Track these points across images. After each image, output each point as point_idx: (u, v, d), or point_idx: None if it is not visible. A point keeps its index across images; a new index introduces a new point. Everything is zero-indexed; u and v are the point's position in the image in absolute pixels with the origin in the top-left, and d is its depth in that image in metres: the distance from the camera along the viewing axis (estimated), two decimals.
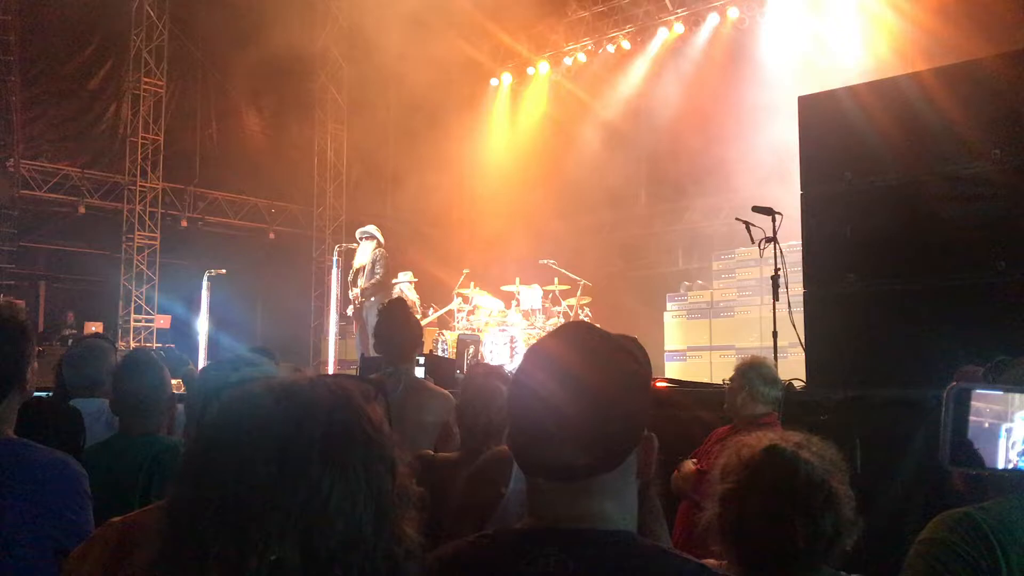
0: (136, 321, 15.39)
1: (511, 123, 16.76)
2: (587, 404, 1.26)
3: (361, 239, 11.21)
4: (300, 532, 0.88)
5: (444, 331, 12.49)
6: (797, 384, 5.38)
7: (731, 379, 4.40)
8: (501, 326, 12.07)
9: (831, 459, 1.85)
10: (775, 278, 6.05)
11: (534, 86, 16.62)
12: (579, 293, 12.42)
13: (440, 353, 11.42)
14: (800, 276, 5.87)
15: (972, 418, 1.64)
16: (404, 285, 12.12)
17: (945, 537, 1.77)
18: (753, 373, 4.30)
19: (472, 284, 12.85)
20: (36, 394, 3.99)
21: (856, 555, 2.00)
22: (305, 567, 0.88)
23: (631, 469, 1.31)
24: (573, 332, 1.37)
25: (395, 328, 4.07)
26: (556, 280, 12.57)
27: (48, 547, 2.21)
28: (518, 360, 11.20)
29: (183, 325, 14.08)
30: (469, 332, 11.72)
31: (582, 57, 15.75)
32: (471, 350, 8.79)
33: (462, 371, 7.00)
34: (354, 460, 0.94)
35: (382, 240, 10.95)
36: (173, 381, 3.25)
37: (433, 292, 13.38)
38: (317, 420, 0.94)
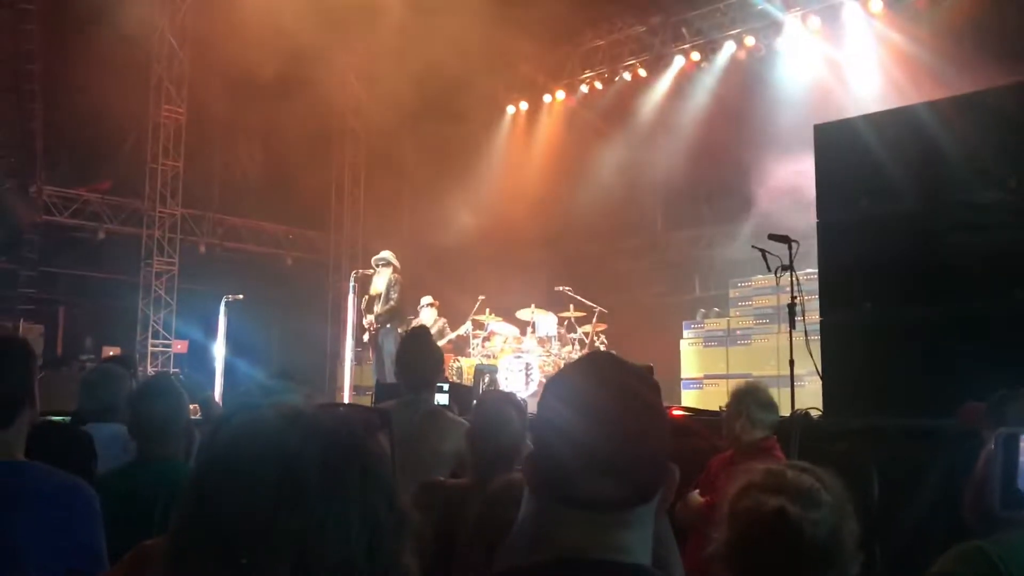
0: (154, 346, 15.46)
1: (527, 151, 16.81)
2: (625, 437, 1.25)
3: (377, 266, 11.25)
4: (294, 560, 0.89)
5: (460, 357, 12.48)
6: (814, 413, 5.34)
7: (727, 405, 4.37)
8: (516, 353, 12.05)
9: (837, 499, 1.84)
10: (792, 306, 6.02)
11: (550, 114, 16.69)
12: (594, 320, 12.40)
13: (456, 380, 11.41)
14: (817, 304, 5.84)
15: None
16: (425, 309, 12.18)
17: (956, 570, 1.80)
18: (749, 399, 4.28)
19: (487, 311, 12.86)
20: (54, 419, 4.02)
21: None
22: None
23: (656, 502, 1.30)
24: (600, 364, 1.37)
25: (417, 355, 4.05)
26: (571, 307, 12.54)
27: (60, 568, 2.22)
28: (533, 387, 11.24)
29: (200, 350, 14.13)
30: (486, 363, 11.71)
31: (598, 85, 15.82)
32: (486, 379, 8.78)
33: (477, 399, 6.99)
34: (351, 490, 0.94)
35: (398, 266, 10.99)
36: (191, 406, 3.27)
37: (449, 318, 13.40)
38: (316, 450, 0.95)
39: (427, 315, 12.23)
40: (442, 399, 4.25)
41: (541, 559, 1.27)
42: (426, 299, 12.31)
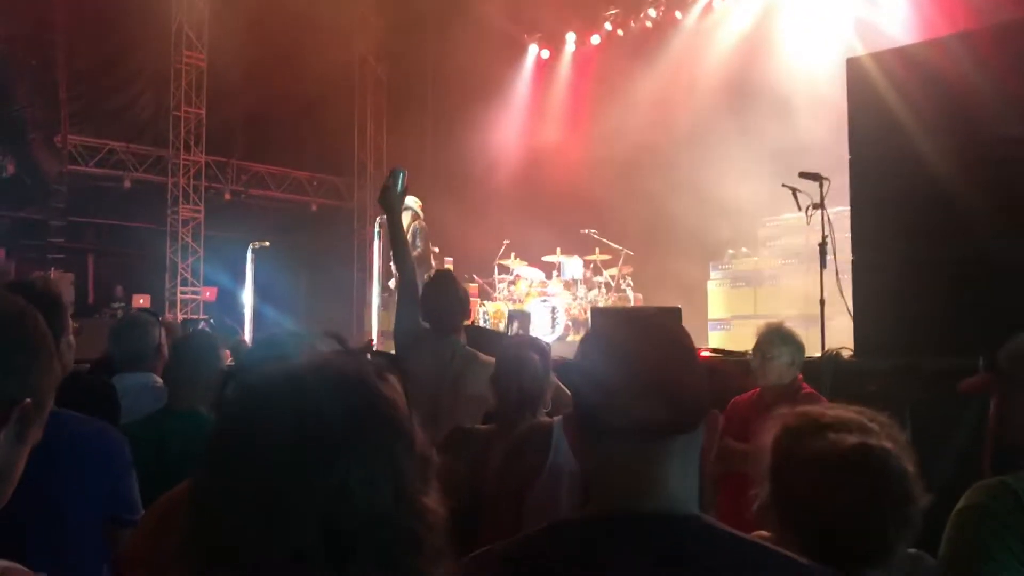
0: (183, 293, 15.61)
1: (550, 92, 16.60)
2: (667, 357, 1.27)
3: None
4: (320, 516, 0.88)
5: (486, 301, 12.48)
6: (845, 353, 5.28)
7: (754, 348, 4.32)
8: (542, 297, 12.04)
9: (898, 438, 1.78)
10: (823, 245, 5.93)
11: (575, 54, 16.43)
12: (621, 262, 12.33)
13: (482, 324, 11.42)
14: (848, 243, 5.75)
15: None
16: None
17: (981, 502, 1.85)
18: (776, 338, 4.22)
19: (513, 255, 12.81)
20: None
21: None
22: (327, 550, 0.87)
23: (699, 441, 1.28)
24: (634, 309, 1.40)
25: (442, 298, 3.94)
26: (597, 250, 12.48)
27: (97, 515, 2.24)
28: (559, 331, 11.23)
29: (229, 297, 14.25)
30: (514, 307, 11.68)
31: (620, 32, 15.52)
32: (515, 325, 8.75)
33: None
34: (371, 440, 0.93)
35: (421, 213, 10.93)
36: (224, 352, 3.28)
37: (474, 262, 13.37)
38: (335, 401, 0.93)
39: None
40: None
41: (592, 512, 1.26)
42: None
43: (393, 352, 4.23)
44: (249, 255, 11.51)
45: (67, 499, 2.23)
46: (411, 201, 11.11)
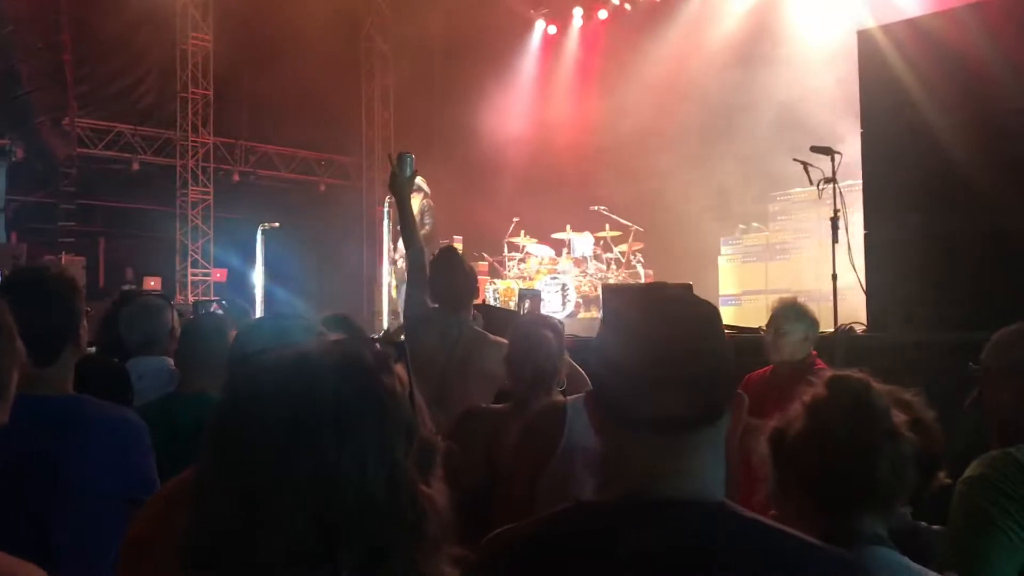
0: (193, 275, 15.66)
1: (558, 68, 16.52)
2: (691, 349, 1.23)
3: None
4: (310, 499, 0.90)
5: (495, 279, 12.48)
6: (858, 328, 5.27)
7: (767, 324, 4.29)
8: (552, 274, 12.03)
9: (922, 414, 1.85)
10: (835, 220, 5.90)
11: (582, 29, 16.32)
12: (631, 239, 12.30)
13: (492, 302, 11.43)
14: (860, 217, 5.72)
15: None
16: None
17: (984, 473, 1.92)
18: (791, 314, 4.18)
19: (522, 232, 12.79)
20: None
21: (919, 502, 1.99)
22: (318, 533, 0.90)
23: (725, 427, 1.25)
24: (654, 285, 1.38)
25: (450, 276, 3.90)
26: (607, 226, 12.45)
27: (117, 498, 2.26)
28: (570, 308, 11.23)
29: (239, 277, 14.29)
30: (524, 285, 11.67)
31: (627, 6, 15.41)
32: (526, 304, 8.74)
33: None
34: (366, 428, 0.94)
35: (428, 191, 10.90)
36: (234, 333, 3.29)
37: (484, 240, 13.36)
38: (328, 389, 0.95)
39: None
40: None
41: (614, 495, 1.23)
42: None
43: (402, 336, 4.23)
44: (259, 236, 11.53)
45: (88, 480, 2.25)
46: (419, 180, 11.09)
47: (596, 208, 12.47)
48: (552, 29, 16.72)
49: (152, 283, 14.07)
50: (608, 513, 1.22)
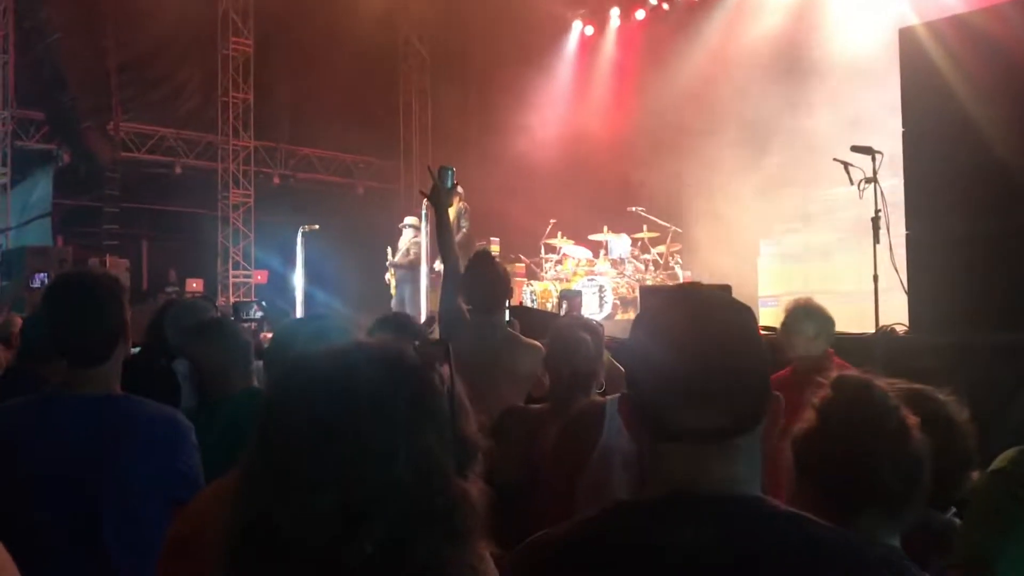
0: (235, 277, 15.87)
1: (595, 68, 16.47)
2: (728, 359, 1.22)
3: None
4: (338, 485, 0.95)
5: (532, 281, 12.49)
6: (900, 329, 5.21)
7: (782, 323, 4.26)
8: (589, 275, 12.01)
9: (954, 414, 1.83)
10: (875, 220, 5.84)
11: (619, 32, 16.27)
12: (669, 240, 12.25)
13: (529, 304, 11.44)
14: (901, 218, 5.65)
15: None
16: (406, 229, 12.06)
17: (1005, 467, 1.96)
18: (800, 312, 4.15)
19: (559, 234, 12.79)
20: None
21: (960, 503, 2.03)
22: (344, 517, 0.95)
23: (760, 431, 1.25)
24: (689, 296, 1.34)
25: (485, 278, 3.94)
26: (645, 227, 12.40)
27: (164, 498, 2.31)
28: (607, 309, 11.21)
29: (280, 279, 14.45)
30: (563, 287, 11.69)
31: (665, 6, 15.34)
32: (565, 305, 8.76)
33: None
34: (397, 420, 0.99)
35: (463, 194, 10.94)
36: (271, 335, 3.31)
37: (520, 242, 13.36)
38: (363, 385, 1.00)
39: (407, 236, 12.05)
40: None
41: (651, 494, 1.23)
42: (410, 219, 12.21)
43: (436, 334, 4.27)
44: (299, 238, 11.66)
45: (138, 480, 2.30)
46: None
47: (633, 209, 12.42)
48: (589, 30, 16.68)
49: (194, 285, 14.29)
50: (645, 513, 1.23)
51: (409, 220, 12.18)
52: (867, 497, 1.64)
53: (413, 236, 11.97)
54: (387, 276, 12.26)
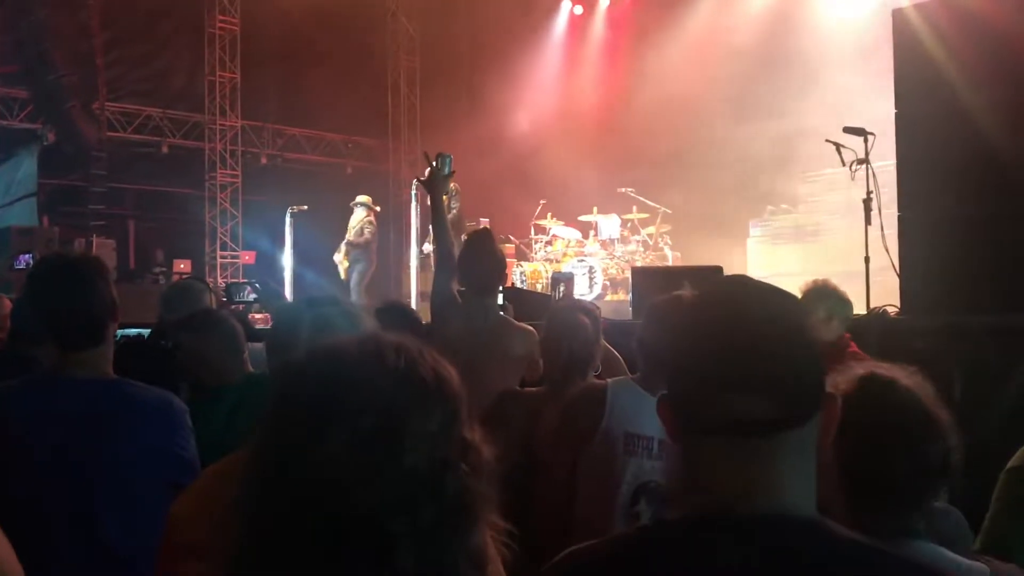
0: (222, 257, 15.78)
1: (585, 49, 16.41)
2: (772, 332, 1.10)
3: None
4: (343, 474, 0.94)
5: (522, 262, 12.48)
6: (891, 311, 5.22)
7: None
8: (579, 256, 12.01)
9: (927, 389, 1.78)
10: (867, 201, 5.85)
11: (609, 11, 16.20)
12: (659, 221, 12.25)
13: (519, 285, 11.43)
14: (893, 199, 5.66)
15: None
16: (358, 207, 12.00)
17: (1021, 465, 1.97)
18: (812, 295, 4.08)
19: (549, 215, 12.76)
20: (133, 331, 4.12)
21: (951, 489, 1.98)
22: (350, 519, 0.93)
23: (814, 433, 1.12)
24: (737, 277, 1.26)
25: (480, 260, 3.91)
26: (635, 208, 12.40)
27: (161, 482, 2.29)
28: (597, 290, 11.21)
29: (268, 260, 14.39)
30: (561, 271, 11.68)
31: None
32: (561, 288, 8.74)
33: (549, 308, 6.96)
34: (409, 427, 0.97)
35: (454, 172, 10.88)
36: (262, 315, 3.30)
37: (510, 223, 13.34)
38: (363, 369, 0.99)
39: (358, 214, 11.97)
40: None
41: (693, 514, 1.12)
42: (361, 197, 12.12)
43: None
44: (287, 219, 11.61)
45: (132, 463, 2.29)
46: None
47: (623, 190, 12.42)
48: (579, 9, 16.60)
49: (182, 265, 14.20)
50: (686, 535, 1.11)
51: (361, 199, 12.12)
52: (890, 493, 1.58)
53: (365, 215, 11.91)
54: (337, 256, 12.15)
